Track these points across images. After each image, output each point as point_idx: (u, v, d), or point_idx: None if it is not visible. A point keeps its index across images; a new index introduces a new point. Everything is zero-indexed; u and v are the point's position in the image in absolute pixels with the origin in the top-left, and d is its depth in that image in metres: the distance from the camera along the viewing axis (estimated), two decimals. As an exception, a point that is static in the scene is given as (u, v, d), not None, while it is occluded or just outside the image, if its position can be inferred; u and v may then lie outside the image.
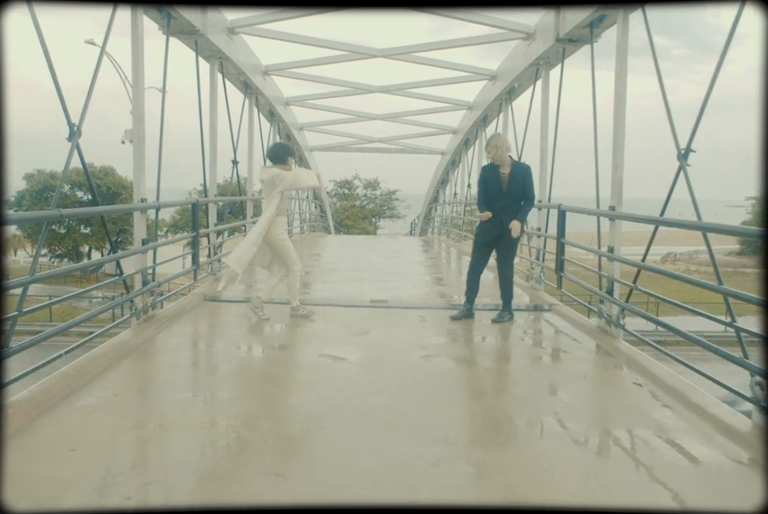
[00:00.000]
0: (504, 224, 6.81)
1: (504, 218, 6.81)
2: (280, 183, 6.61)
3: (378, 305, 7.79)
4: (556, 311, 7.62)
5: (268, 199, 6.65)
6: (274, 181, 6.61)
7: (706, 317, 4.74)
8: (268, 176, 6.65)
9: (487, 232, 6.99)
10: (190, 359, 5.22)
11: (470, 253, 12.66)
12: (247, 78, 11.13)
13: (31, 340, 4.16)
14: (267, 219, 6.55)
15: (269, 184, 6.66)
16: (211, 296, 7.89)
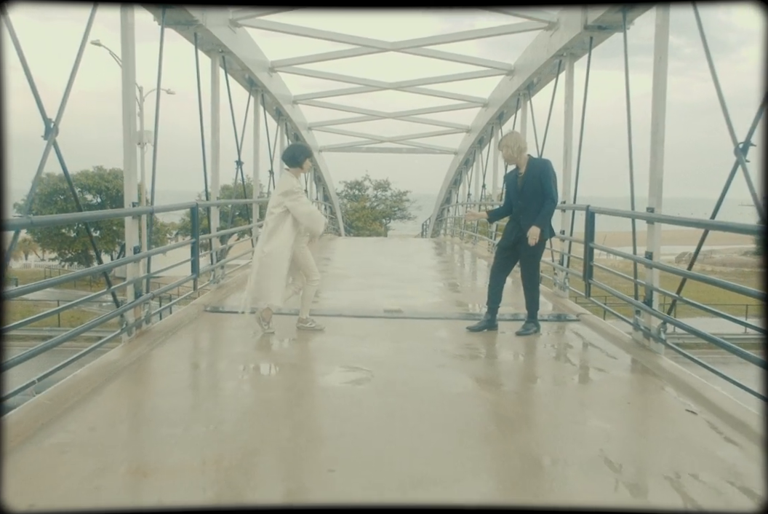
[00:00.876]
0: (522, 227, 6.24)
1: (522, 220, 6.25)
2: (289, 202, 6.00)
3: (391, 315, 7.23)
4: (585, 321, 7.03)
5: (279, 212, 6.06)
6: (285, 192, 6.03)
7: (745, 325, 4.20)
8: (285, 188, 6.08)
9: (508, 235, 6.44)
10: (184, 382, 4.67)
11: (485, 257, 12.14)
12: (252, 74, 10.59)
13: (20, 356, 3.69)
14: (288, 242, 6.01)
15: (278, 192, 6.11)
16: (212, 307, 7.36)
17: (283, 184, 6.12)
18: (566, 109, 8.57)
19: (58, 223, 6.44)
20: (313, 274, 6.32)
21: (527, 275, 6.38)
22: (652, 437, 3.81)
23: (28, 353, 3.81)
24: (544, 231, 6.14)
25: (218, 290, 8.36)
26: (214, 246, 8.56)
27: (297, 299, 6.39)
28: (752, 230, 4.53)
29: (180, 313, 6.69)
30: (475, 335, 6.32)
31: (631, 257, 6.16)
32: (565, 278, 8.47)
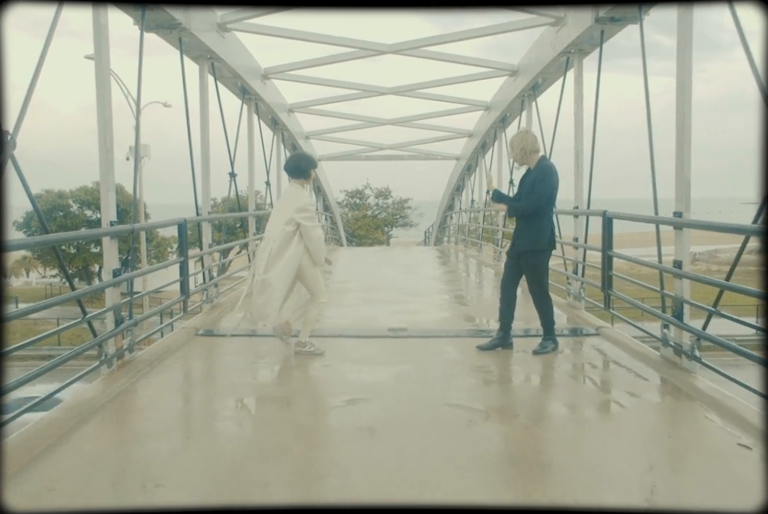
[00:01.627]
0: (520, 234, 5.83)
1: (518, 228, 5.89)
2: (301, 220, 5.55)
3: (396, 334, 6.72)
4: (606, 335, 6.51)
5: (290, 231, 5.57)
6: (298, 207, 5.55)
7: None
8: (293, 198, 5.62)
9: (512, 243, 6.00)
10: (169, 423, 4.14)
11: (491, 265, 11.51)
12: (245, 82, 10.12)
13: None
14: (296, 264, 5.56)
15: (289, 206, 5.61)
16: (205, 330, 6.86)
17: (296, 199, 5.65)
18: (576, 109, 8.08)
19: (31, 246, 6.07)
20: (320, 295, 5.85)
21: (534, 289, 5.89)
22: (704, 481, 3.28)
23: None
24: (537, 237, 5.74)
25: (211, 311, 7.85)
26: (206, 264, 8.06)
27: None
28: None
29: (168, 338, 6.18)
30: (487, 354, 5.81)
31: (658, 267, 5.65)
32: (581, 288, 7.95)
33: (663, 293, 5.55)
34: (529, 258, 5.78)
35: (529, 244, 5.77)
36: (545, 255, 5.85)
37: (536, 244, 5.77)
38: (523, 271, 5.92)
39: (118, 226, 5.37)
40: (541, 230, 5.76)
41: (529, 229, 5.76)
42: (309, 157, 5.98)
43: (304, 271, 5.72)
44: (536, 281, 5.87)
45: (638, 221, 6.07)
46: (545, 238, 5.77)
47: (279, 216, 5.67)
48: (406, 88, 13.28)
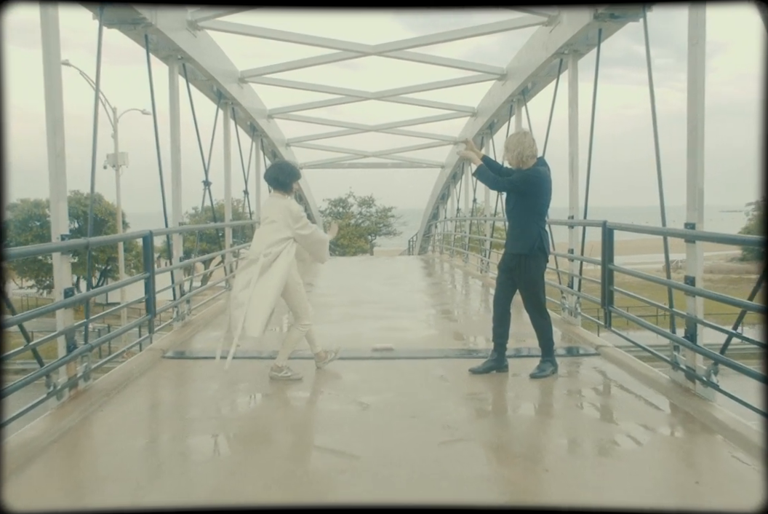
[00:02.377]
0: (514, 237, 5.38)
1: (510, 233, 5.44)
2: (298, 229, 5.15)
3: (381, 354, 6.21)
4: (607, 355, 6.04)
5: (277, 239, 5.12)
6: (292, 218, 5.14)
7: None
8: (279, 211, 5.17)
9: (505, 253, 5.53)
10: (120, 471, 3.59)
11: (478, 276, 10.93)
12: (220, 86, 9.60)
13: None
14: (285, 270, 5.10)
15: (278, 220, 5.16)
16: (174, 352, 6.30)
17: (284, 212, 5.15)
18: (570, 112, 7.63)
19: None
20: (304, 316, 5.35)
21: (530, 305, 5.41)
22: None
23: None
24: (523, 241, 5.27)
25: (182, 329, 7.29)
26: (176, 279, 7.50)
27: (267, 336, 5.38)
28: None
29: (130, 363, 5.61)
30: (480, 378, 5.32)
31: (667, 283, 5.18)
32: (577, 303, 7.48)
33: (673, 312, 5.08)
34: (522, 267, 5.28)
35: (518, 246, 5.31)
36: (538, 264, 5.35)
37: (525, 248, 5.29)
38: (516, 286, 5.44)
39: (71, 240, 4.82)
40: (528, 233, 5.30)
41: (519, 232, 5.32)
42: (290, 169, 5.45)
43: (289, 286, 5.23)
44: (532, 295, 5.39)
45: (643, 233, 5.61)
46: (533, 241, 5.30)
47: (269, 234, 5.17)
48: (389, 93, 12.80)
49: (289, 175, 5.33)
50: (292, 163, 5.74)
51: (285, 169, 5.45)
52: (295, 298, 5.33)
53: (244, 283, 5.14)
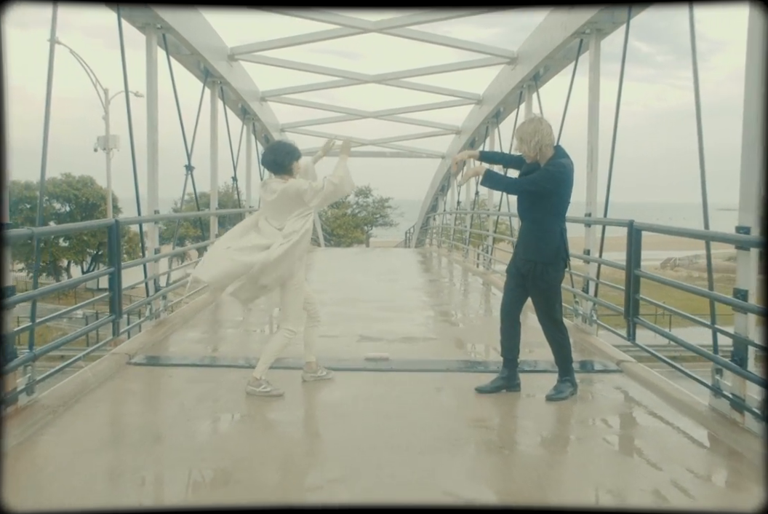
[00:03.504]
0: (525, 242, 4.64)
1: (522, 235, 4.70)
2: (312, 199, 4.48)
3: (375, 365, 5.50)
4: (630, 373, 5.33)
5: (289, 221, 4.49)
6: (300, 198, 4.47)
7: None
8: (290, 191, 4.47)
9: (514, 255, 4.79)
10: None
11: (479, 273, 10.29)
12: (206, 63, 8.82)
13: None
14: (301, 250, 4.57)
15: (288, 202, 4.49)
16: (145, 357, 5.57)
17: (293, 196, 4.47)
18: (591, 99, 6.90)
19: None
20: (293, 320, 4.68)
21: (545, 318, 4.67)
22: None
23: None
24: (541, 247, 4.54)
25: (155, 330, 6.56)
26: (150, 272, 6.77)
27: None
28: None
29: (86, 372, 4.87)
30: (488, 400, 4.62)
31: (711, 295, 4.47)
32: (592, 310, 6.78)
33: (717, 329, 4.37)
34: (536, 275, 4.56)
35: (536, 253, 4.56)
36: (557, 271, 4.64)
37: (545, 255, 4.57)
38: (528, 293, 4.71)
39: (15, 230, 4.09)
40: (548, 237, 4.57)
41: (536, 236, 4.57)
42: (288, 148, 4.69)
43: (292, 286, 4.58)
44: (547, 306, 4.66)
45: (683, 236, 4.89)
46: (554, 248, 4.58)
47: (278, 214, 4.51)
48: (390, 77, 11.99)
49: (288, 154, 4.61)
50: (289, 142, 4.98)
51: (283, 148, 4.71)
52: (291, 300, 4.64)
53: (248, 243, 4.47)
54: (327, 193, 4.50)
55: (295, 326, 4.68)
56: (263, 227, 4.53)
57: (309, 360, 4.94)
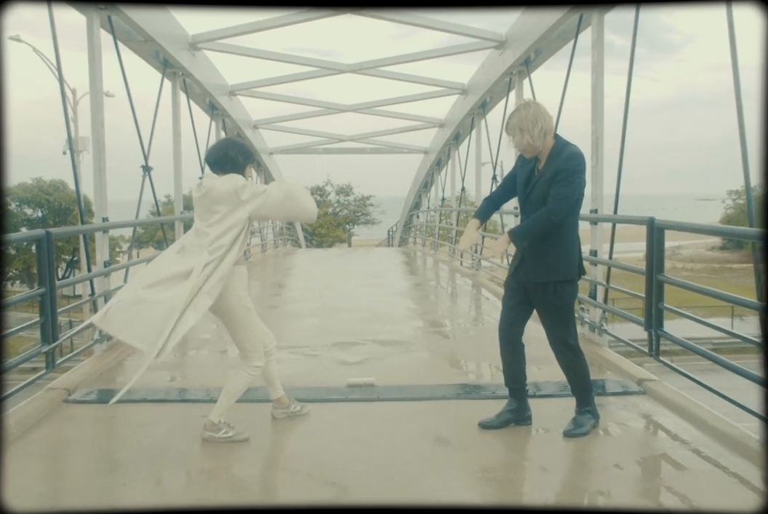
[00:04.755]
0: (528, 260, 3.82)
1: (538, 254, 3.81)
2: (250, 200, 3.64)
3: (360, 393, 4.70)
4: (655, 395, 4.58)
5: (217, 230, 3.63)
6: (233, 198, 3.63)
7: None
8: (222, 189, 3.65)
9: (516, 268, 3.92)
10: None
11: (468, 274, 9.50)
12: (164, 50, 7.95)
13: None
14: (225, 270, 3.58)
15: (222, 202, 3.64)
16: (86, 392, 4.73)
17: (218, 185, 3.62)
18: (594, 80, 6.14)
19: None
20: (253, 355, 3.85)
21: (557, 341, 3.87)
22: None
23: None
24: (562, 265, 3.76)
25: (107, 354, 5.72)
26: (98, 289, 5.93)
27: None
28: None
29: (11, 415, 4.01)
30: (494, 438, 3.87)
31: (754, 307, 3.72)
32: (602, 318, 6.02)
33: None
34: (549, 294, 3.77)
35: (552, 272, 3.77)
36: (573, 285, 3.86)
37: (565, 272, 3.80)
38: (535, 309, 3.92)
39: None
40: (569, 250, 3.80)
41: (555, 252, 3.76)
42: (239, 144, 3.88)
43: (230, 303, 3.71)
44: (561, 328, 3.86)
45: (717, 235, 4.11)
46: (576, 263, 3.81)
47: (213, 227, 3.63)
48: (368, 65, 11.15)
49: (243, 152, 3.80)
50: (242, 142, 4.15)
51: (238, 144, 3.89)
52: (241, 327, 3.80)
53: (163, 274, 3.59)
54: (271, 199, 3.65)
55: (259, 360, 3.87)
56: (187, 244, 3.71)
57: (276, 396, 4.15)
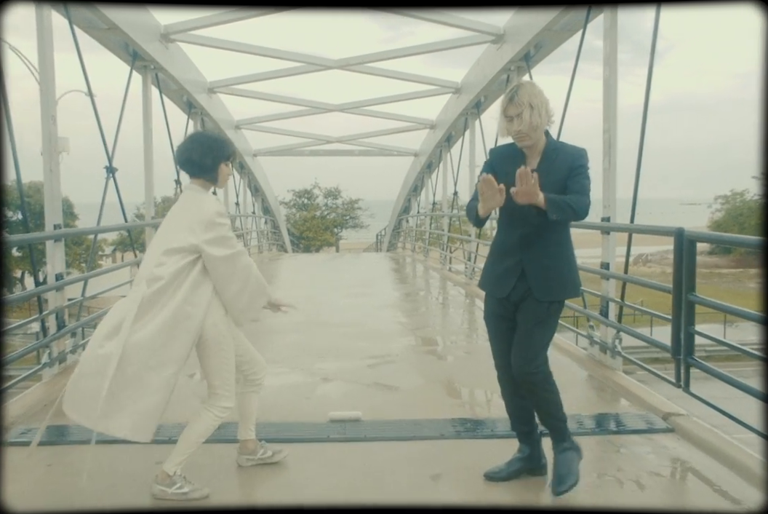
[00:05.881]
0: (531, 277, 3.09)
1: (526, 260, 3.10)
2: (203, 233, 3.05)
3: (343, 432, 4.04)
4: (685, 433, 3.96)
5: (171, 250, 3.07)
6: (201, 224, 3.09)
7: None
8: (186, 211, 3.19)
9: (500, 288, 3.16)
10: None
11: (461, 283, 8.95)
12: (132, 41, 7.27)
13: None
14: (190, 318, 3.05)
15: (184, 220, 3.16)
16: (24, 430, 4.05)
17: (194, 210, 3.07)
18: (607, 75, 5.53)
19: None
20: (222, 394, 3.22)
21: (528, 360, 3.09)
22: None
23: None
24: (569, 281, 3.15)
25: (56, 380, 5.02)
26: (53, 303, 5.24)
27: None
28: None
29: None
30: (507, 492, 3.20)
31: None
32: (616, 340, 5.38)
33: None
34: (543, 308, 3.10)
35: (561, 289, 3.11)
36: (560, 303, 3.20)
37: (574, 290, 3.18)
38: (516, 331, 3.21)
39: None
40: (573, 262, 3.19)
41: (563, 267, 3.11)
42: (213, 142, 3.21)
43: (206, 339, 3.09)
44: (537, 345, 3.09)
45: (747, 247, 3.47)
46: (578, 277, 3.19)
47: (163, 242, 3.05)
48: (356, 61, 10.47)
49: (210, 149, 3.15)
50: (216, 135, 3.45)
51: (204, 142, 3.22)
52: (211, 358, 3.15)
53: (112, 324, 2.98)
54: (234, 259, 3.05)
55: (228, 401, 3.21)
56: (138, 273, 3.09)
57: (244, 438, 3.48)
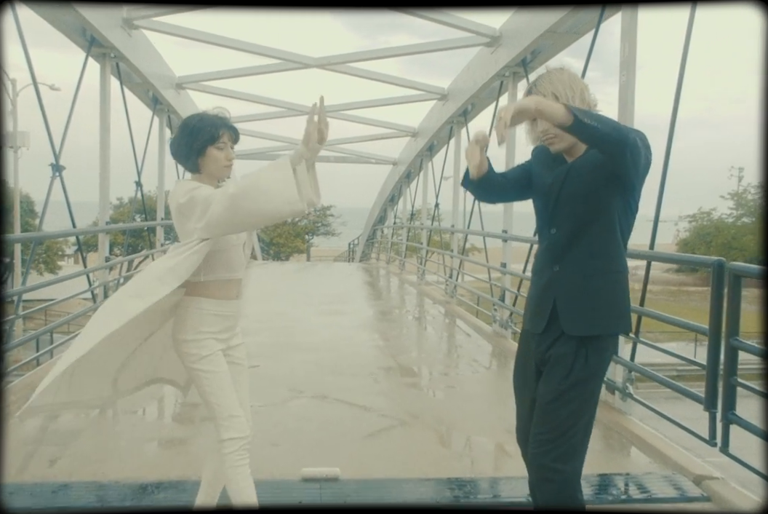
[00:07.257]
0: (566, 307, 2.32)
1: (555, 278, 2.34)
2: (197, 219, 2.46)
3: (318, 494, 3.31)
4: (725, 503, 3.29)
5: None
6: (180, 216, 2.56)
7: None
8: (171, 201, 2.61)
9: (533, 319, 2.39)
10: None
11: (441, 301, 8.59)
12: (89, 25, 6.47)
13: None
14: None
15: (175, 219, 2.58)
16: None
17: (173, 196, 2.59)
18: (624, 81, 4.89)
19: None
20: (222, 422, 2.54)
21: (553, 442, 2.25)
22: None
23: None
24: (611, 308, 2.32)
25: None
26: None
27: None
28: None
29: None
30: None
31: None
32: (628, 379, 4.72)
33: None
34: (579, 356, 2.34)
35: (600, 319, 2.28)
36: (611, 347, 2.45)
37: (619, 322, 2.34)
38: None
39: None
40: (623, 283, 2.34)
41: (605, 287, 2.28)
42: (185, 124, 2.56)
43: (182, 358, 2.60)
44: (567, 421, 2.25)
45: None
46: (626, 305, 2.40)
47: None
48: (336, 61, 9.75)
49: (188, 137, 2.49)
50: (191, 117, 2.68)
51: (180, 128, 2.58)
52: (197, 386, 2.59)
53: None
54: (215, 214, 2.32)
55: (228, 431, 2.49)
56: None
57: (203, 500, 2.75)
